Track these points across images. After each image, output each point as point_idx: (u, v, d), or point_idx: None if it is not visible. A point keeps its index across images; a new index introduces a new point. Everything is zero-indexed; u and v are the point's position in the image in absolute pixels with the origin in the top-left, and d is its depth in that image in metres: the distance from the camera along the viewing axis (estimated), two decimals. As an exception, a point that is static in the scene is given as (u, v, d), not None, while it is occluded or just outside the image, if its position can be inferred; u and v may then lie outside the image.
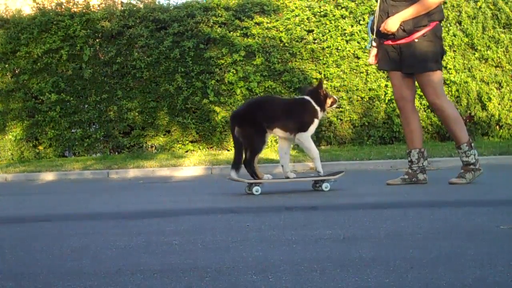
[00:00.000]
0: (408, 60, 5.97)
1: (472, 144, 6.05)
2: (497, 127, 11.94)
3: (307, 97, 6.06)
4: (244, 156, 5.89)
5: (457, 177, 6.02)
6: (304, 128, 5.94)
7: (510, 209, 4.54)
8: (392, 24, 5.88)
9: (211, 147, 12.14)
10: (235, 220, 4.45)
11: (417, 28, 5.89)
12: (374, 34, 6.10)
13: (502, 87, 11.88)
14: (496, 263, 2.78)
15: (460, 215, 4.31)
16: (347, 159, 9.32)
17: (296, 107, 6.06)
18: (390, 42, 6.03)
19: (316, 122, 6.01)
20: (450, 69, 11.67)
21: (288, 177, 6.04)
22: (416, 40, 5.90)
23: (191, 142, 12.19)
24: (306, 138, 5.96)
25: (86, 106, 12.39)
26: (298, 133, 5.93)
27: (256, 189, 5.86)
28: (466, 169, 6.01)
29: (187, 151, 12.01)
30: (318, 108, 6.01)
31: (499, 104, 11.80)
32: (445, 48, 11.54)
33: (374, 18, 6.15)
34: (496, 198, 5.16)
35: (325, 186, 5.92)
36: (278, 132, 5.97)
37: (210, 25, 11.98)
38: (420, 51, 5.90)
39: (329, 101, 6.08)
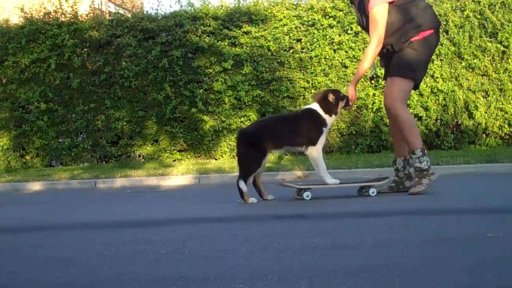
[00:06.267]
0: (392, 64, 6.05)
1: (426, 151, 6.02)
2: (484, 135, 12.00)
3: (314, 107, 5.99)
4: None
5: (415, 185, 6.00)
6: (314, 142, 5.90)
7: (497, 217, 4.55)
8: (352, 93, 6.08)
9: (199, 156, 12.12)
10: (223, 229, 4.44)
11: (407, 42, 5.96)
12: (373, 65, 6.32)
13: (488, 95, 11.95)
14: (484, 271, 2.79)
15: (447, 223, 4.32)
16: (335, 167, 9.33)
17: (301, 121, 5.98)
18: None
19: (324, 131, 5.96)
20: (437, 77, 11.72)
21: (327, 183, 5.96)
22: (406, 47, 5.94)
23: (179, 151, 12.17)
24: (316, 151, 5.91)
25: (73, 115, 12.36)
26: (308, 147, 5.90)
27: (307, 195, 5.89)
28: (420, 175, 5.99)
29: (175, 160, 11.99)
30: (325, 117, 5.93)
31: (485, 112, 11.86)
32: (433, 57, 11.63)
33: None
34: (482, 206, 5.17)
35: (372, 191, 5.97)
36: (288, 148, 6.03)
37: (198, 35, 11.99)
38: (403, 57, 5.95)
39: (341, 104, 6.01)
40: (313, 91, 11.71)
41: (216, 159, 11.95)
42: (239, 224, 4.63)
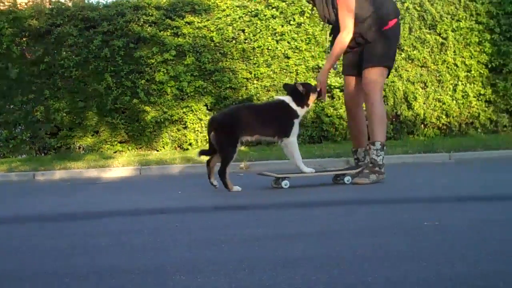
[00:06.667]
0: (366, 55, 6.13)
1: (385, 148, 6.17)
2: (422, 125, 12.22)
3: (285, 98, 6.07)
4: (215, 158, 6.04)
5: (361, 176, 6.09)
6: (287, 133, 5.98)
7: (434, 205, 4.65)
8: (322, 77, 6.20)
9: (141, 148, 12.02)
10: (164, 220, 4.42)
11: (379, 31, 6.07)
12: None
13: (427, 86, 12.17)
14: (421, 259, 2.84)
15: (387, 212, 4.39)
16: (276, 158, 9.38)
17: (273, 112, 6.09)
18: (356, 49, 6.20)
19: (296, 122, 6.02)
20: (377, 69, 11.89)
21: (304, 172, 6.04)
22: (377, 37, 6.06)
23: (120, 142, 12.04)
24: (290, 143, 5.99)
25: (12, 106, 12.09)
26: (283, 138, 5.99)
27: (285, 183, 5.96)
28: (371, 170, 6.09)
29: (115, 152, 11.87)
30: (296, 109, 6.01)
31: (424, 103, 12.08)
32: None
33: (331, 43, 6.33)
34: (420, 195, 5.27)
35: (347, 179, 6.08)
36: (261, 137, 6.14)
37: (140, 24, 11.87)
38: (378, 47, 6.07)
39: (313, 96, 6.11)
40: (255, 82, 11.73)
41: (157, 151, 11.87)
42: (181, 216, 4.62)
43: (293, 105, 6.02)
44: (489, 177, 6.67)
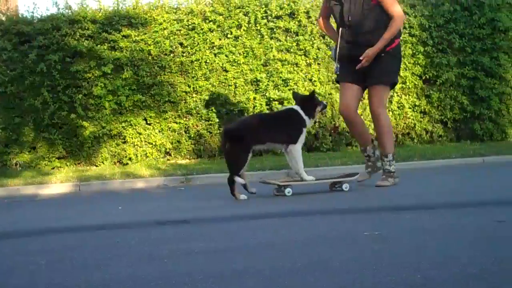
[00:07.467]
0: (373, 73, 6.48)
1: (395, 156, 6.69)
2: (360, 137, 12.41)
3: (295, 107, 6.39)
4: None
5: (382, 180, 6.58)
6: (294, 140, 6.23)
7: (373, 216, 4.74)
8: (373, 54, 6.38)
9: (79, 163, 11.85)
10: (104, 236, 4.38)
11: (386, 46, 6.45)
12: (336, 61, 6.64)
13: (364, 98, 12.35)
14: (361, 268, 2.90)
15: (329, 222, 4.46)
16: (217, 171, 9.37)
17: (284, 119, 6.42)
18: (358, 66, 6.45)
19: (304, 131, 6.30)
20: (315, 81, 12.01)
21: (305, 180, 6.27)
22: (383, 55, 6.43)
23: (58, 158, 11.84)
24: (296, 150, 6.24)
25: None
26: (289, 145, 6.22)
27: (288, 191, 6.15)
28: (387, 175, 6.60)
29: (54, 168, 11.66)
30: (305, 118, 6.31)
31: (361, 115, 12.26)
32: (311, 61, 11.92)
33: (336, 46, 6.65)
34: (361, 206, 5.36)
35: (345, 186, 6.33)
36: (271, 145, 6.44)
37: (76, 38, 11.72)
38: (386, 65, 6.49)
39: (318, 108, 6.42)
40: (194, 95, 11.73)
41: (96, 166, 11.72)
42: (122, 231, 4.58)
43: (302, 114, 6.32)
44: (425, 186, 6.83)
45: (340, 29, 6.63)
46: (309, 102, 6.40)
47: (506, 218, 4.13)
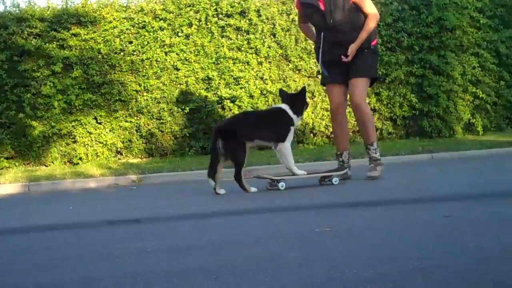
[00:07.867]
0: (356, 67, 6.78)
1: (378, 143, 7.02)
2: (311, 134, 12.49)
3: (283, 106, 6.50)
4: (219, 165, 6.25)
5: (372, 170, 6.88)
6: (282, 138, 6.36)
7: (324, 212, 4.79)
8: (355, 48, 6.70)
9: (28, 163, 11.68)
10: (55, 237, 4.33)
11: (367, 44, 6.80)
12: (321, 64, 6.94)
13: (315, 96, 12.45)
14: (313, 265, 2.93)
15: (280, 220, 4.49)
16: (169, 170, 9.35)
17: (272, 118, 6.56)
18: (343, 58, 6.71)
19: (292, 129, 6.43)
20: (266, 79, 12.06)
21: (296, 174, 6.46)
22: (366, 51, 6.78)
23: (6, 158, 11.64)
24: (285, 148, 6.38)
25: None
26: (278, 144, 6.36)
27: (282, 185, 6.28)
28: (376, 163, 6.91)
29: (2, 168, 11.47)
30: (293, 117, 6.43)
31: (312, 112, 12.35)
32: (262, 59, 11.95)
33: (319, 49, 6.90)
34: (311, 203, 5.41)
35: (335, 180, 6.52)
36: (259, 142, 6.59)
37: (24, 37, 11.54)
38: (368, 60, 6.85)
39: (305, 106, 6.61)
40: (145, 94, 11.66)
41: (46, 166, 11.56)
42: (72, 232, 4.54)
43: (290, 112, 6.43)
44: (376, 183, 6.92)
45: (322, 33, 6.87)
46: (298, 100, 6.56)
47: (452, 213, 4.22)
